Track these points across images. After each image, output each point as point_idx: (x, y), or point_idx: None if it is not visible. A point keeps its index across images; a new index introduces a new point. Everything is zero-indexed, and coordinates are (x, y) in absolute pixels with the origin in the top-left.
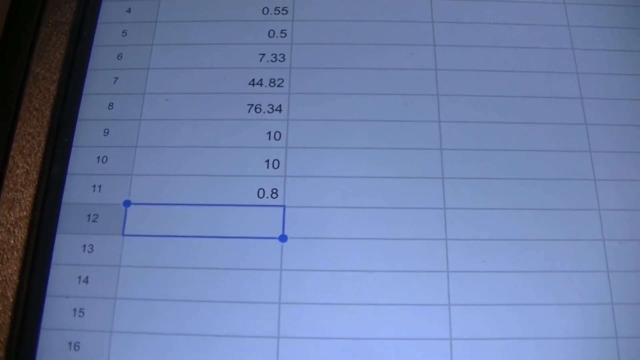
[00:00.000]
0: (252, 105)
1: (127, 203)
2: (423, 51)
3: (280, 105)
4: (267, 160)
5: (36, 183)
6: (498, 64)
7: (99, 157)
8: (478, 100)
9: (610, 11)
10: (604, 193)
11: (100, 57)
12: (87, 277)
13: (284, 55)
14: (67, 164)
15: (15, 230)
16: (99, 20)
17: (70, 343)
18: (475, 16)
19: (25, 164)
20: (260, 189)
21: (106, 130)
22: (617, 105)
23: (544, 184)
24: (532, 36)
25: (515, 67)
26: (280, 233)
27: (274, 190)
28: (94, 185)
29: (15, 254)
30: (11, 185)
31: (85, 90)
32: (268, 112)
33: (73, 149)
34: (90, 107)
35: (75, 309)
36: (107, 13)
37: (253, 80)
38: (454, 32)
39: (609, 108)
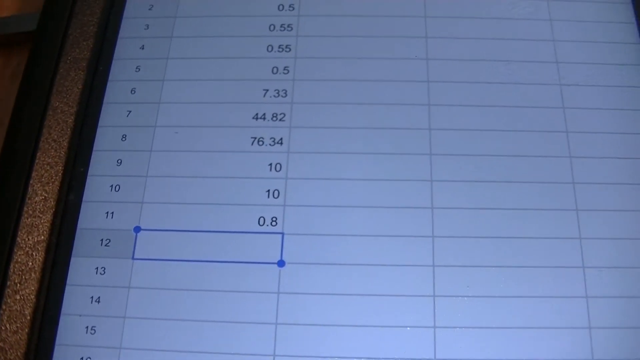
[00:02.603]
0: (255, 138)
1: (137, 229)
2: (417, 87)
3: (281, 139)
4: (268, 190)
5: (53, 209)
6: (489, 99)
7: (112, 186)
8: (467, 135)
9: (598, 47)
10: (585, 223)
11: (115, 91)
12: (99, 297)
13: (286, 91)
14: (83, 192)
15: (34, 254)
16: (115, 57)
17: (82, 358)
18: (467, 53)
19: (43, 192)
20: (261, 217)
21: (119, 161)
22: (601, 139)
23: (528, 213)
24: (522, 72)
25: (505, 102)
26: (279, 258)
27: (274, 219)
28: (107, 212)
29: (33, 275)
30: (30, 212)
31: (101, 122)
32: (270, 144)
33: (88, 177)
34: (105, 139)
35: (87, 327)
36: (122, 50)
37: (257, 114)
38: (446, 68)
39: (593, 141)
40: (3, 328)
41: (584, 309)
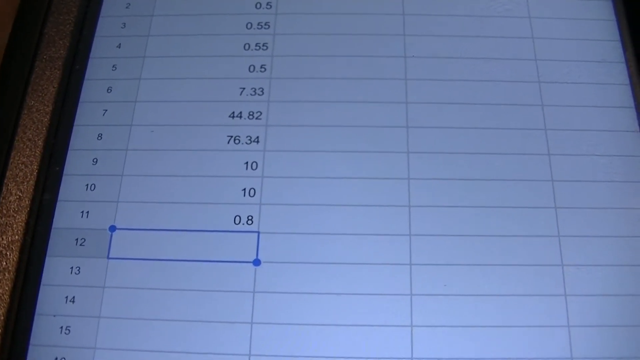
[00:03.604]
0: (232, 136)
1: (112, 228)
2: (394, 85)
3: (257, 137)
4: (244, 189)
5: (28, 209)
6: (467, 96)
7: (87, 185)
8: (445, 132)
9: (578, 45)
10: (564, 220)
11: (91, 90)
12: (73, 297)
13: (262, 89)
14: (58, 191)
15: (8, 253)
16: (91, 55)
17: (56, 358)
18: (446, 50)
19: (18, 191)
20: (236, 215)
21: (95, 160)
22: (580, 137)
23: (506, 211)
24: (501, 69)
25: (483, 100)
26: (254, 257)
27: (250, 217)
28: (82, 211)
29: (7, 275)
30: (4, 211)
31: (76, 121)
32: (246, 143)
33: (64, 177)
34: (81, 138)
35: (62, 327)
36: (99, 48)
37: (233, 112)
38: (424, 65)
39: (572, 139)
40: None
41: (563, 307)
